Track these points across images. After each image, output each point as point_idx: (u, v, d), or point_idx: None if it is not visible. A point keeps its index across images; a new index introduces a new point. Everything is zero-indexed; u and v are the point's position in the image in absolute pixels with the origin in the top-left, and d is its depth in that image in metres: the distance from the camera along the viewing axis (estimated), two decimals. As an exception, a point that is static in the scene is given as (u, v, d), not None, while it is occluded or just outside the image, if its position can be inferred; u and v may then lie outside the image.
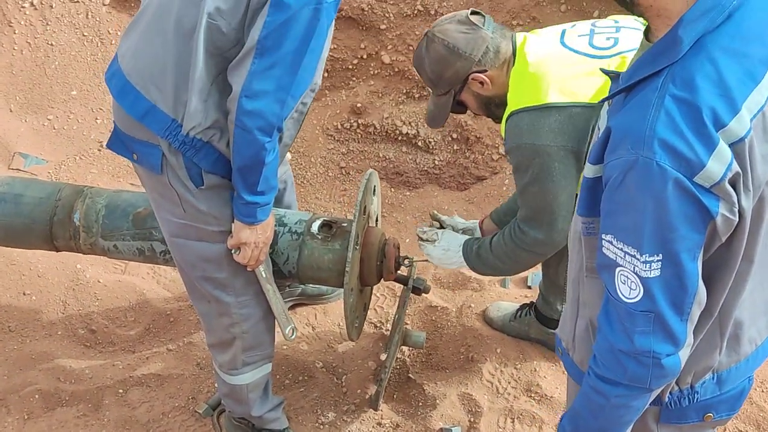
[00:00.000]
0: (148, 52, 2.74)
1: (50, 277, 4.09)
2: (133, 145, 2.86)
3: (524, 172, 2.86)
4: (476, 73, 2.88)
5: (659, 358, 1.83)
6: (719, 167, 1.67)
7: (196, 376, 3.73)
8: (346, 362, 3.81)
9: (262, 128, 2.59)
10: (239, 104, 2.56)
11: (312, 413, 3.60)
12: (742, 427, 3.54)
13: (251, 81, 2.54)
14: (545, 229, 2.92)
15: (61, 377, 3.74)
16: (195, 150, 2.74)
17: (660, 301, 1.78)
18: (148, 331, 3.97)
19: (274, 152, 2.68)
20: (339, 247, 3.20)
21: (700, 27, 1.71)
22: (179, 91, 2.69)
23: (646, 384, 1.87)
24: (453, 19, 2.89)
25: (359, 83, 4.84)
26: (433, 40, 2.88)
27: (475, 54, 2.85)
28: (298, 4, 2.49)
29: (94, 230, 3.29)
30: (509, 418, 3.56)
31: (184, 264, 3.03)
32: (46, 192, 3.35)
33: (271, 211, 2.87)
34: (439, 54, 2.88)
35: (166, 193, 2.87)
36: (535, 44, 2.88)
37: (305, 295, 4.00)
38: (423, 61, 2.94)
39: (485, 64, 2.87)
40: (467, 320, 3.89)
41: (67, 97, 4.95)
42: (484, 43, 2.85)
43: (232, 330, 3.10)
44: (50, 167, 4.71)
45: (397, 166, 4.78)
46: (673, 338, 1.82)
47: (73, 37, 5.00)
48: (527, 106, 2.80)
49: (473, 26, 2.85)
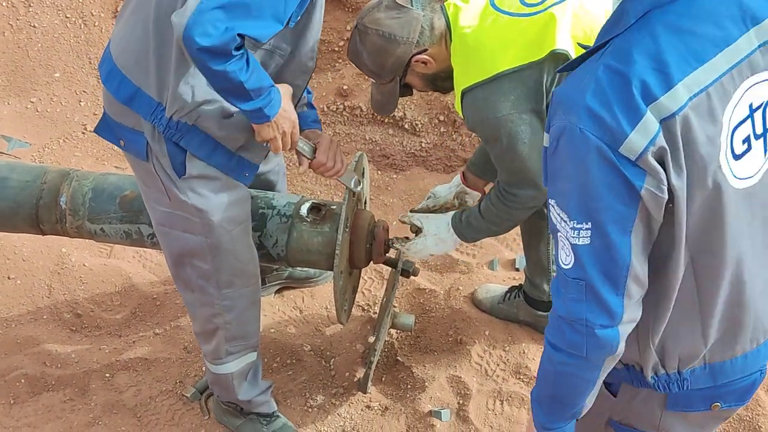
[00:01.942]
0: (132, 35, 2.73)
1: (35, 261, 4.06)
2: (120, 132, 2.86)
3: (494, 142, 2.88)
4: (417, 55, 2.86)
5: (592, 328, 1.81)
6: (642, 140, 1.66)
7: (183, 360, 3.72)
8: (335, 345, 3.80)
9: (215, 59, 2.46)
10: (187, 42, 2.41)
11: (300, 396, 3.60)
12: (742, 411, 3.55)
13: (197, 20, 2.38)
14: (531, 185, 2.94)
15: (47, 362, 3.72)
16: (180, 134, 2.73)
17: (590, 270, 1.78)
18: (134, 315, 3.95)
19: (245, 67, 2.53)
20: (328, 229, 3.19)
21: (647, 2, 1.72)
22: (162, 73, 2.67)
23: (583, 352, 1.85)
24: (380, 6, 2.84)
25: (345, 65, 4.82)
26: (366, 32, 2.84)
27: (413, 37, 2.82)
28: None
29: (80, 213, 3.27)
30: (498, 400, 3.57)
31: (169, 253, 3.04)
32: (31, 175, 3.32)
33: (279, 100, 2.73)
34: (375, 45, 2.84)
35: (151, 181, 2.86)
36: (467, 14, 2.86)
37: (292, 278, 3.99)
38: (360, 55, 2.90)
39: (424, 44, 2.85)
40: (455, 303, 3.89)
41: (50, 79, 4.91)
42: (418, 23, 2.82)
43: (215, 320, 3.10)
44: (34, 150, 4.67)
45: (383, 149, 4.76)
46: (608, 311, 1.80)
47: (55, 18, 4.95)
48: (477, 81, 2.80)
49: (402, 8, 2.81)
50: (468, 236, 3.21)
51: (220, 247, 2.93)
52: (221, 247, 2.94)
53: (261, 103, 2.64)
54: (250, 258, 3.05)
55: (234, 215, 2.93)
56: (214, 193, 2.86)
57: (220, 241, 2.92)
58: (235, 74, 2.52)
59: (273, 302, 3.96)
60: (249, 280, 3.08)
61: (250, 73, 2.56)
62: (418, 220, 3.26)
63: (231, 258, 2.98)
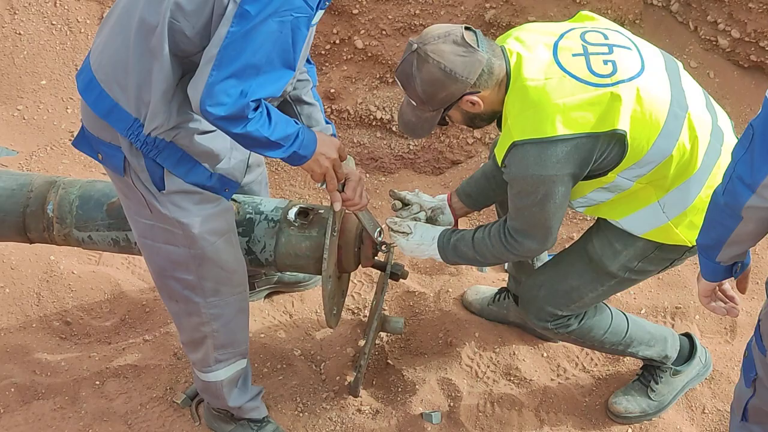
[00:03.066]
0: (113, 49, 2.71)
1: (23, 269, 4.04)
2: (97, 145, 2.85)
3: (526, 196, 2.86)
4: (469, 95, 2.81)
5: (735, 176, 2.16)
6: None
7: (173, 366, 3.71)
8: (325, 349, 3.80)
9: (234, 124, 2.55)
10: (204, 114, 2.52)
11: (291, 401, 3.59)
12: (721, 405, 3.57)
13: (209, 93, 2.48)
14: (540, 239, 2.96)
15: (36, 370, 3.71)
16: (157, 150, 2.71)
17: (761, 124, 2.08)
18: (123, 322, 3.94)
19: (267, 123, 2.61)
20: (316, 234, 3.19)
21: None
22: (141, 90, 2.65)
23: (721, 191, 2.22)
24: (447, 39, 2.76)
25: (332, 69, 4.82)
26: (427, 60, 2.75)
27: (472, 78, 2.76)
28: (261, 15, 2.44)
29: (68, 221, 3.26)
30: (489, 402, 3.57)
31: (152, 264, 3.02)
32: (18, 183, 3.30)
33: (312, 138, 2.81)
34: (433, 76, 2.77)
35: (131, 194, 2.86)
36: (532, 66, 2.81)
37: (282, 283, 3.98)
38: (412, 80, 2.81)
39: (479, 86, 2.80)
40: (445, 305, 3.89)
41: (37, 86, 4.89)
42: (480, 65, 2.76)
43: (203, 329, 3.09)
44: (21, 158, 4.65)
45: (371, 152, 4.77)
46: (752, 170, 2.10)
47: (41, 26, 4.93)
48: (533, 138, 2.75)
49: (469, 48, 2.75)
50: (449, 258, 3.18)
51: (204, 257, 2.92)
52: (205, 258, 2.92)
53: (293, 148, 2.72)
54: (236, 267, 3.03)
55: (216, 227, 2.91)
56: (195, 206, 2.84)
57: (203, 252, 2.91)
58: (257, 132, 2.58)
59: (262, 307, 3.96)
60: (235, 289, 3.07)
61: (273, 126, 2.62)
62: (408, 225, 3.24)
63: (216, 268, 2.97)
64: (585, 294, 3.22)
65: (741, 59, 4.53)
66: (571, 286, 3.20)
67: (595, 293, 3.22)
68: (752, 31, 4.41)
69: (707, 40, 4.56)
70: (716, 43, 4.54)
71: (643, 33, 4.63)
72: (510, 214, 2.98)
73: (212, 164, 2.83)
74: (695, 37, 4.60)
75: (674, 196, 2.95)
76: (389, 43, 4.67)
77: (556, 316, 3.26)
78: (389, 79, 4.74)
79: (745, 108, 4.47)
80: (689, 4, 4.60)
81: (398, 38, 4.66)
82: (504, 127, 2.88)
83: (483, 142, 4.65)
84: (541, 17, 4.48)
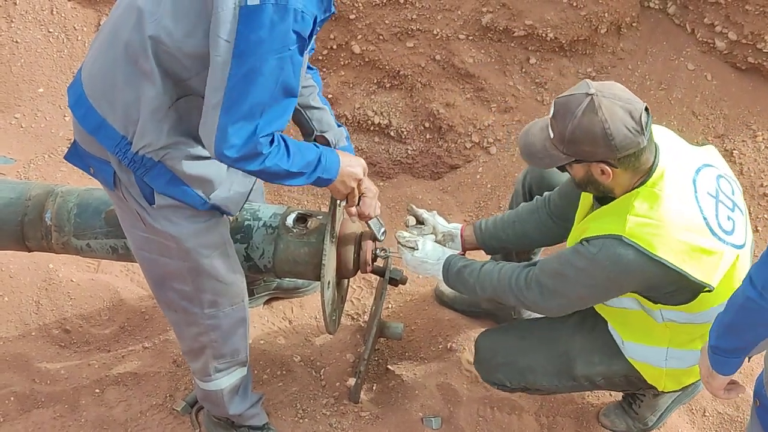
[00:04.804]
0: (102, 67, 2.71)
1: (22, 278, 4.04)
2: (88, 160, 2.84)
3: (584, 277, 2.83)
4: (607, 164, 2.73)
5: None
6: None
7: (173, 374, 3.71)
8: (324, 355, 3.80)
9: (251, 162, 2.56)
10: (220, 158, 2.53)
11: (291, 407, 3.59)
12: (721, 408, 3.56)
13: (222, 136, 2.49)
14: (547, 303, 2.95)
15: (36, 378, 3.70)
16: (145, 169, 2.69)
17: None
18: (123, 330, 3.94)
19: (285, 156, 2.62)
20: (315, 240, 3.18)
21: None
22: (129, 108, 2.64)
23: None
24: (626, 105, 2.66)
25: (329, 74, 4.82)
26: (595, 112, 2.63)
27: (622, 153, 2.68)
28: (258, 54, 2.42)
29: (66, 229, 3.26)
30: (489, 407, 3.57)
31: (150, 275, 3.02)
32: (16, 192, 3.30)
33: (335, 159, 2.82)
34: (592, 128, 2.64)
35: (124, 207, 2.85)
36: (674, 183, 2.76)
37: (281, 289, 3.98)
38: (570, 117, 2.68)
39: (620, 163, 2.71)
40: (444, 310, 3.88)
41: (34, 94, 4.89)
42: (636, 148, 2.68)
43: (202, 339, 3.08)
44: (19, 166, 4.65)
45: (369, 157, 4.76)
46: None
47: (38, 33, 4.93)
48: (642, 247, 2.70)
49: (637, 127, 2.66)
50: (450, 281, 3.18)
51: (199, 270, 2.91)
52: (201, 271, 2.91)
53: (317, 174, 2.75)
54: (233, 279, 3.01)
55: (210, 241, 2.89)
56: (187, 220, 2.82)
57: (198, 264, 2.89)
58: (276, 166, 2.60)
59: (262, 313, 3.96)
60: (234, 299, 3.05)
61: (291, 158, 2.64)
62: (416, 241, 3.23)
63: (212, 281, 2.95)
64: (539, 381, 3.23)
65: (738, 61, 4.53)
66: (531, 367, 3.21)
67: (549, 385, 3.24)
68: (749, 33, 4.41)
69: (704, 42, 4.56)
70: (713, 45, 4.54)
71: (640, 36, 4.63)
72: (545, 269, 2.94)
73: (206, 191, 2.79)
74: (692, 40, 4.60)
75: (684, 355, 3.00)
76: (386, 48, 4.67)
77: (503, 385, 3.30)
78: (387, 84, 4.74)
79: (742, 110, 4.47)
80: (686, 6, 4.60)
81: (395, 43, 4.66)
82: (613, 208, 2.81)
83: (481, 146, 4.65)
84: (538, 21, 4.48)
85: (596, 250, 2.75)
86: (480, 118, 4.66)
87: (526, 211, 3.35)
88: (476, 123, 4.66)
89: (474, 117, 4.66)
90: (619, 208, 2.77)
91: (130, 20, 2.58)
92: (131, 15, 2.58)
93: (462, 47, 4.62)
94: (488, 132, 4.66)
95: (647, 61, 4.61)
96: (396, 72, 4.69)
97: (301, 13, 2.43)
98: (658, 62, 4.60)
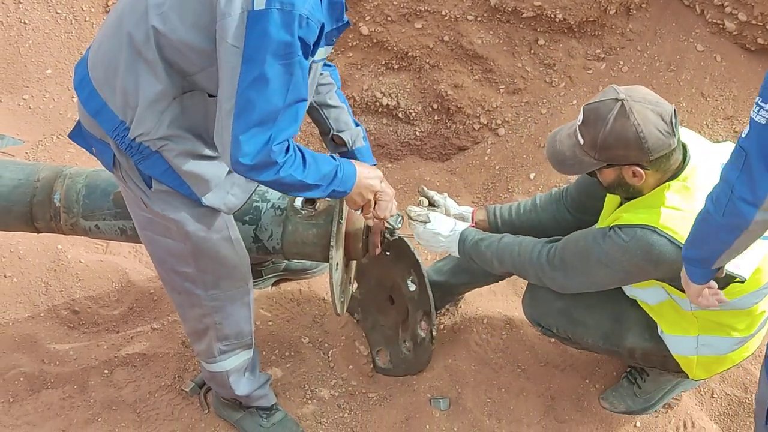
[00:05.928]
0: (106, 53, 2.71)
1: (31, 259, 4.04)
2: (91, 140, 2.86)
3: (608, 261, 2.85)
4: (639, 167, 2.74)
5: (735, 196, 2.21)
6: None
7: (181, 355, 3.72)
8: (332, 337, 3.80)
9: (266, 171, 2.55)
10: (235, 166, 2.52)
11: (300, 388, 3.60)
12: (729, 390, 3.56)
13: (236, 144, 2.48)
14: (568, 281, 2.99)
15: (45, 359, 3.72)
16: (142, 156, 2.69)
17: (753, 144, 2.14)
18: (131, 311, 3.95)
19: (301, 166, 2.62)
20: (323, 221, 3.18)
21: None
22: (128, 95, 2.63)
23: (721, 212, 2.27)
24: (657, 108, 2.69)
25: (337, 55, 4.80)
26: (627, 117, 2.67)
27: (654, 155, 2.70)
28: (265, 56, 2.41)
29: (74, 210, 3.26)
30: (497, 388, 3.57)
31: (154, 256, 3.03)
32: (24, 173, 3.31)
33: (351, 173, 2.82)
34: (625, 133, 2.68)
35: (126, 188, 2.85)
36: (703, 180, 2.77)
37: (289, 270, 3.98)
38: (601, 124, 2.70)
39: (651, 165, 2.74)
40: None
41: (42, 75, 4.89)
42: (668, 149, 2.71)
43: (205, 320, 3.09)
44: (27, 147, 4.65)
45: (378, 138, 4.76)
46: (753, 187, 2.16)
47: (46, 15, 4.92)
48: (673, 237, 2.72)
49: (669, 128, 2.69)
50: (465, 252, 3.19)
51: (200, 252, 2.90)
52: (202, 253, 2.90)
53: (332, 187, 2.75)
54: (236, 263, 3.00)
55: (210, 224, 2.87)
56: (185, 205, 2.81)
57: (199, 247, 2.88)
58: (291, 177, 2.59)
59: (270, 295, 3.96)
60: (237, 283, 3.04)
61: (306, 169, 2.63)
62: (427, 215, 3.23)
63: (214, 263, 2.95)
64: (586, 337, 3.25)
65: (748, 42, 4.51)
66: (585, 322, 3.23)
67: (593, 343, 3.26)
68: (759, 14, 4.39)
69: (714, 23, 4.54)
70: (723, 26, 4.52)
71: (649, 17, 4.61)
72: (569, 247, 2.96)
73: (200, 191, 2.77)
74: (702, 21, 4.57)
75: (714, 341, 3.03)
76: (394, 29, 4.65)
77: (548, 329, 3.31)
78: (395, 66, 4.73)
79: (752, 91, 4.44)
80: (696, -13, 4.59)
81: (403, 24, 4.65)
82: (645, 201, 2.83)
83: (489, 127, 4.64)
84: (547, 2, 4.47)
85: (628, 239, 2.78)
86: (488, 100, 4.65)
87: (544, 201, 3.37)
88: (484, 104, 4.65)
89: (482, 98, 4.65)
90: (652, 200, 2.81)
91: (136, 9, 2.59)
92: (138, 4, 2.58)
93: (470, 28, 4.60)
94: (496, 113, 4.65)
95: (656, 42, 4.59)
96: (404, 53, 4.68)
97: (306, 19, 2.41)
98: (667, 43, 4.57)
